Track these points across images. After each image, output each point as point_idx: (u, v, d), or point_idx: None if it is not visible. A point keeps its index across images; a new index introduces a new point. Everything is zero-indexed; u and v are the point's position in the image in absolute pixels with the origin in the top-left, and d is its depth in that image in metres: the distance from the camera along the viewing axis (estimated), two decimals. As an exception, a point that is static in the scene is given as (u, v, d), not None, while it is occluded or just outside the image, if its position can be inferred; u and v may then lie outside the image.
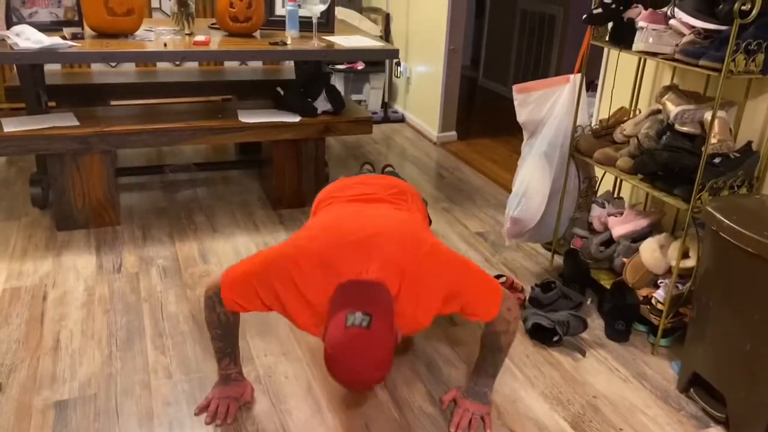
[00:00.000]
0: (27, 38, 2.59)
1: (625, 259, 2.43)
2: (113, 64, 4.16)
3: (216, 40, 2.99)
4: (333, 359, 1.47)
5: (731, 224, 1.78)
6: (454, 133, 4.64)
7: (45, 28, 2.81)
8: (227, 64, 4.44)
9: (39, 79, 3.08)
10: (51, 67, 3.83)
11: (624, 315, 2.34)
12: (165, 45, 2.79)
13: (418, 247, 1.68)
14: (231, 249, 2.88)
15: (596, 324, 2.45)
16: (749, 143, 2.17)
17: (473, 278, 1.75)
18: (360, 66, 4.95)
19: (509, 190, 2.74)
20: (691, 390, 2.06)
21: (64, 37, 2.72)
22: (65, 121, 2.88)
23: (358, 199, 1.99)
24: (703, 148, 2.02)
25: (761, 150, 2.18)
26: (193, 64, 4.38)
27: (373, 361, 1.46)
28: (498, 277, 2.61)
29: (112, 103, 3.68)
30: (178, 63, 4.36)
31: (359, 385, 1.50)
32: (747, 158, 2.12)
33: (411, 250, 1.67)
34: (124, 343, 2.20)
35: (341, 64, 4.92)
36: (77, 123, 2.88)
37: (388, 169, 3.17)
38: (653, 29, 2.12)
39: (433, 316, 1.72)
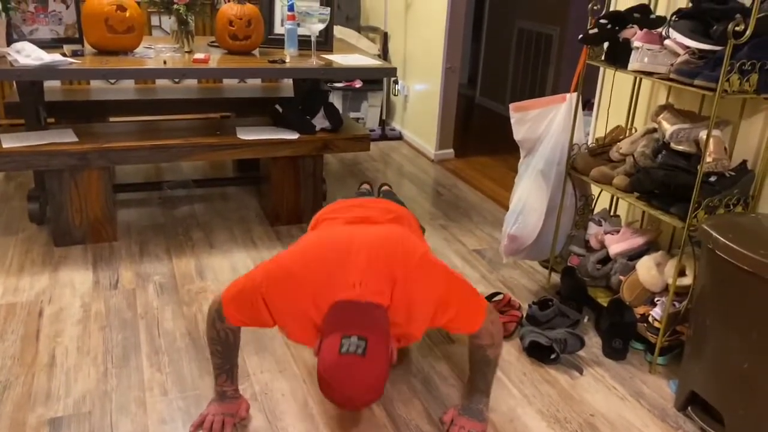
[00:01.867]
0: (27, 55, 2.61)
1: (622, 277, 2.43)
2: (113, 81, 4.19)
3: (215, 58, 3.01)
4: (326, 383, 1.48)
5: (727, 242, 1.79)
6: (451, 150, 4.66)
7: (45, 45, 2.83)
8: (226, 81, 4.46)
9: (38, 95, 3.10)
10: (50, 84, 3.84)
11: (621, 333, 2.34)
12: (164, 62, 2.81)
13: (409, 256, 1.68)
14: (228, 265, 2.88)
15: (593, 342, 2.45)
16: (744, 162, 2.18)
17: (461, 290, 1.75)
18: (358, 84, 4.98)
19: (506, 208, 2.75)
20: (689, 408, 2.05)
21: (64, 54, 2.74)
22: (64, 137, 2.89)
23: (355, 220, 2.01)
24: (698, 167, 2.03)
25: (756, 169, 2.20)
26: (192, 82, 4.41)
27: (366, 387, 1.47)
28: (495, 294, 2.61)
29: (111, 119, 3.70)
30: (177, 80, 4.39)
31: (351, 407, 1.51)
32: (742, 177, 2.14)
33: (402, 259, 1.66)
34: (120, 359, 2.19)
35: (339, 82, 4.96)
36: (76, 139, 2.88)
37: (385, 188, 3.17)
38: (648, 49, 2.14)
39: (425, 328, 1.71)
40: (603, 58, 2.39)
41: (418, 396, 2.10)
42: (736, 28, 1.86)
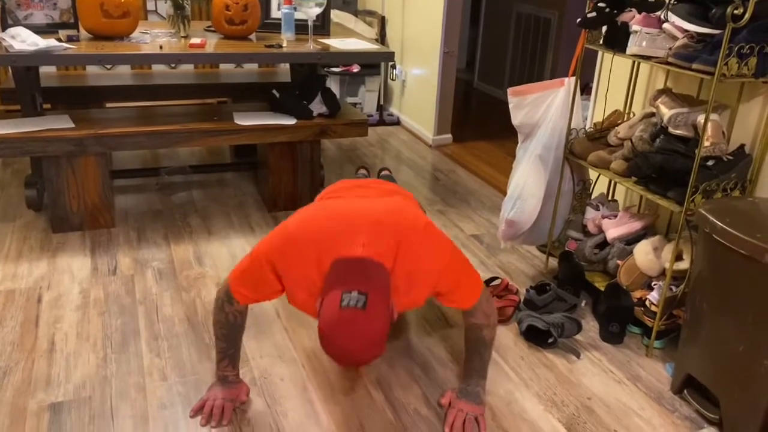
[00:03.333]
0: (22, 40, 2.59)
1: (619, 262, 2.44)
2: (108, 66, 4.16)
3: (212, 43, 2.99)
4: (326, 338, 1.46)
5: (724, 226, 1.79)
6: (449, 135, 4.65)
7: (40, 30, 2.81)
8: (222, 66, 4.44)
9: (34, 81, 3.08)
10: (46, 69, 3.82)
11: (618, 317, 2.35)
12: (161, 47, 2.79)
13: (414, 223, 1.69)
14: (226, 251, 2.88)
15: (590, 326, 2.46)
16: (742, 146, 2.18)
17: (461, 263, 1.77)
18: (355, 69, 4.96)
19: (504, 193, 2.75)
20: (685, 392, 2.07)
21: (59, 40, 2.72)
22: (60, 123, 2.88)
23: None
24: (696, 151, 2.03)
25: (754, 153, 2.20)
26: (188, 67, 4.38)
27: (367, 342, 1.45)
28: (492, 279, 2.62)
29: (108, 105, 3.68)
30: (173, 65, 4.36)
31: (351, 362, 1.49)
32: (740, 161, 2.14)
33: (407, 225, 1.67)
34: (119, 345, 2.19)
35: (337, 66, 4.93)
36: (72, 125, 2.87)
37: (385, 172, 3.18)
38: (647, 33, 2.13)
39: (427, 295, 1.72)
40: (601, 42, 2.38)
41: (416, 380, 2.11)
42: (735, 12, 1.85)
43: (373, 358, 1.49)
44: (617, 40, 2.26)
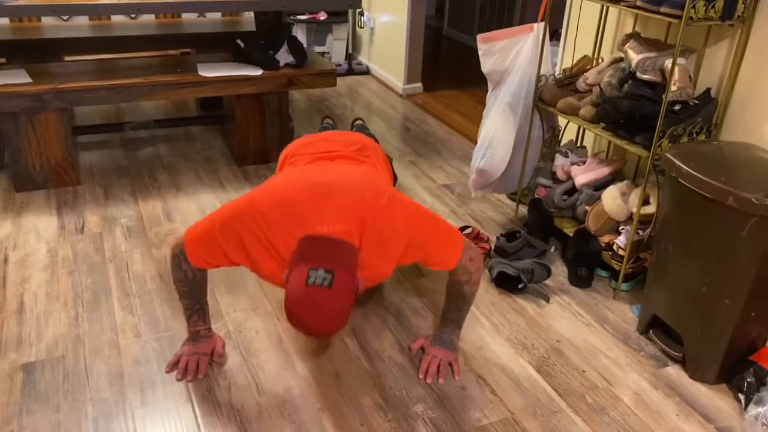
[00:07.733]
0: (-30, -9, 2.48)
1: (587, 207, 2.48)
2: (65, 17, 4.00)
3: (172, -9, 2.89)
4: (292, 313, 1.51)
5: (690, 170, 1.82)
6: (419, 84, 4.60)
7: (-11, -21, 2.68)
8: (185, 16, 4.30)
9: (-14, 34, 2.96)
10: (-2, 22, 3.67)
11: (586, 261, 2.40)
12: (118, -3, 2.69)
13: (378, 197, 1.70)
14: (196, 207, 2.85)
15: (560, 271, 2.51)
16: (708, 90, 2.20)
17: (434, 228, 1.78)
18: (322, 16, 4.85)
19: (475, 142, 2.75)
20: (651, 332, 2.13)
21: (10, -10, 2.60)
22: (17, 78, 2.78)
23: (322, 156, 2.02)
24: (663, 96, 2.04)
25: (719, 96, 2.22)
26: (149, 17, 4.23)
27: (330, 318, 1.50)
28: (464, 228, 2.64)
29: (66, 58, 3.56)
30: (133, 16, 4.21)
31: (316, 335, 1.55)
32: (706, 105, 2.16)
33: (371, 201, 1.69)
34: (91, 303, 2.18)
35: (303, 14, 4.81)
36: (30, 80, 2.77)
37: (358, 122, 3.14)
38: (615, -24, 2.11)
39: (395, 266, 1.75)
40: (570, -15, 2.35)
41: (389, 328, 2.14)
42: (703, -47, 1.83)
43: (336, 331, 1.54)
44: (586, -16, 2.23)
